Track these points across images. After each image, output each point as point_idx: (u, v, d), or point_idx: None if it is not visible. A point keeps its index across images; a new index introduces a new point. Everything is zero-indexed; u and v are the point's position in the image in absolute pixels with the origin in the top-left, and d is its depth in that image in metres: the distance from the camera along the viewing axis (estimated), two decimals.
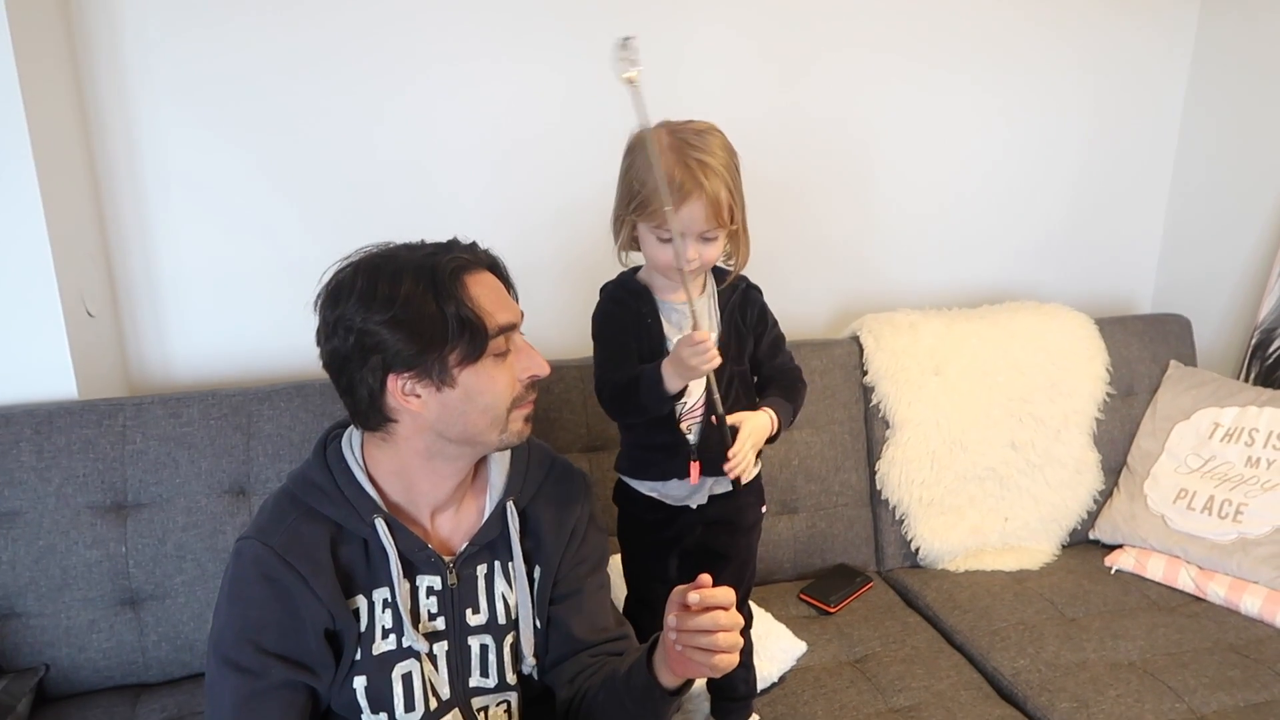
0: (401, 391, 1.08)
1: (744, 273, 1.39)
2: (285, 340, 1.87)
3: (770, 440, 1.31)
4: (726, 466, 1.22)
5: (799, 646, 1.64)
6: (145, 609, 1.53)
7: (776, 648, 1.61)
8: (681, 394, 1.26)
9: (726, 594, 0.99)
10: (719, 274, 1.39)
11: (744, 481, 1.26)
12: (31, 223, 1.52)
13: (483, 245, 1.17)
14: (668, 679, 1.07)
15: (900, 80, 2.13)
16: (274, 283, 1.84)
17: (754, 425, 1.26)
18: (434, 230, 1.20)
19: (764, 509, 1.48)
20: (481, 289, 1.10)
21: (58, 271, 1.55)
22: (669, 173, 1.20)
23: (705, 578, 1.00)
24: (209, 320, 1.83)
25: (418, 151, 1.86)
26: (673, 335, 1.31)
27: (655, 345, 1.31)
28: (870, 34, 2.07)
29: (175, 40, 1.69)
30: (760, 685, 1.53)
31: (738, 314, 1.37)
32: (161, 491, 1.54)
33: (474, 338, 1.06)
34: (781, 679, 1.60)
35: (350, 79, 1.79)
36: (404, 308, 1.04)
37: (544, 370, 1.14)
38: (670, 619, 1.01)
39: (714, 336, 1.33)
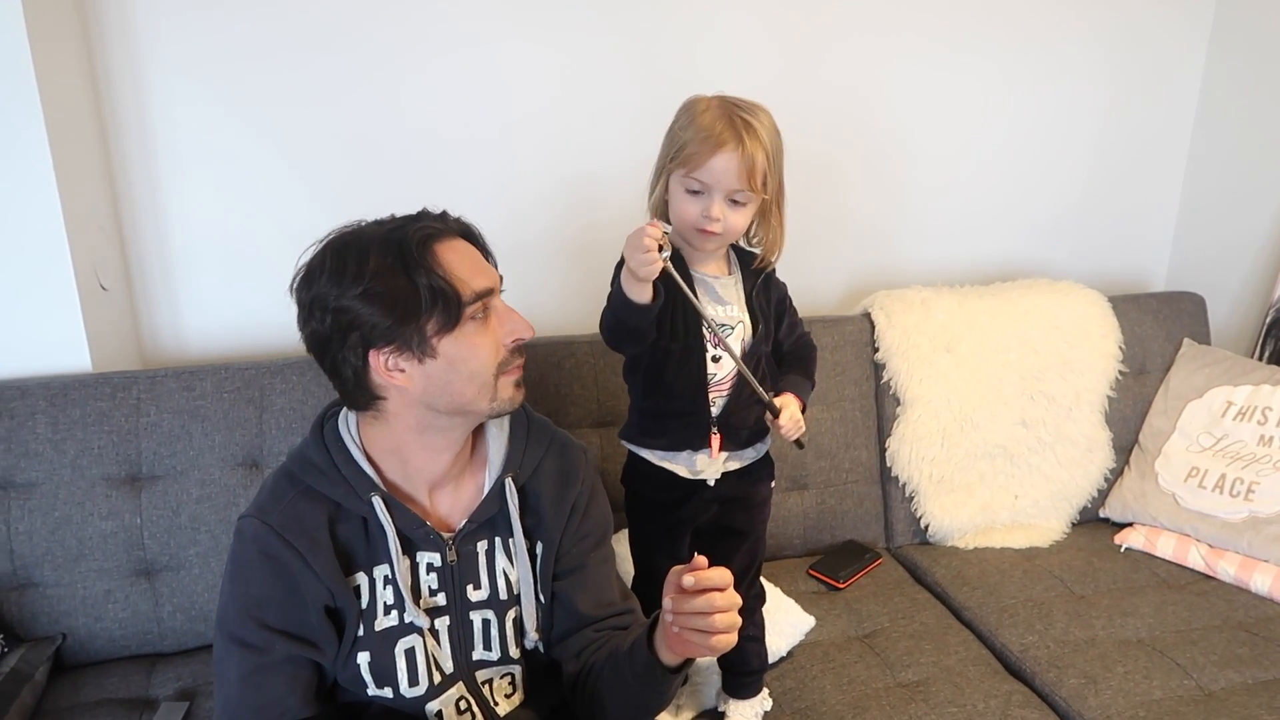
0: (385, 367, 1.07)
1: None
2: (296, 314, 1.87)
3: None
4: (785, 432, 1.32)
5: (807, 621, 1.64)
6: (160, 580, 1.55)
7: (785, 622, 1.62)
8: (657, 304, 1.21)
9: (723, 575, 0.98)
10: (744, 259, 1.39)
11: (795, 438, 1.35)
12: (45, 197, 1.53)
13: (468, 217, 1.16)
14: (668, 658, 1.07)
15: (913, 57, 2.11)
16: (285, 257, 1.80)
17: (793, 411, 1.35)
18: (440, 205, 1.20)
19: (773, 484, 1.49)
20: (453, 256, 1.09)
21: (71, 245, 1.56)
22: (710, 125, 1.23)
23: (701, 559, 0.99)
24: (221, 294, 1.84)
25: (425, 127, 1.85)
26: (706, 307, 1.31)
27: (690, 314, 1.30)
28: (884, 10, 2.05)
29: (187, 14, 1.68)
30: (769, 659, 1.54)
31: (761, 298, 1.38)
32: (175, 464, 1.56)
33: (448, 306, 1.06)
34: (790, 653, 1.61)
35: (359, 54, 1.78)
36: (374, 281, 1.04)
37: (527, 333, 1.14)
38: (667, 601, 1.01)
39: (742, 316, 1.35)
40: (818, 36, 2.03)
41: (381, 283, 1.04)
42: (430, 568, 1.15)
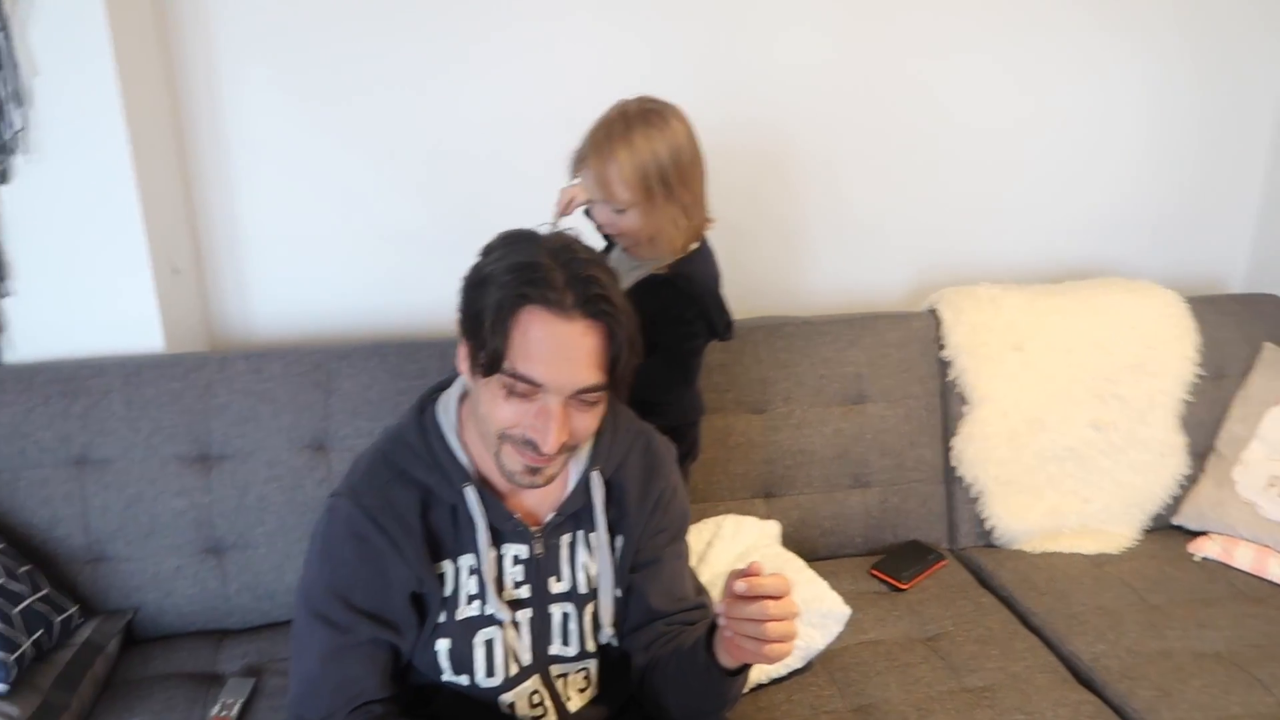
0: (464, 359, 1.07)
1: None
2: (364, 300, 1.89)
3: None
4: None
5: (843, 612, 1.56)
6: (228, 558, 1.58)
7: (816, 613, 1.53)
8: None
9: (777, 583, 0.96)
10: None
11: None
12: (124, 185, 1.56)
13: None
14: (726, 661, 1.06)
15: (981, 44, 2.05)
16: (353, 244, 1.86)
17: None
18: (510, 195, 1.19)
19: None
20: (541, 332, 1.00)
21: (147, 230, 1.60)
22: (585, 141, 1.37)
23: (756, 564, 0.97)
24: (289, 279, 1.86)
25: (497, 116, 1.85)
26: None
27: None
28: None
29: (261, 3, 1.70)
30: (809, 656, 1.52)
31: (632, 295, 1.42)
32: (244, 445, 1.58)
33: (490, 360, 1.02)
34: (843, 646, 1.56)
35: (433, 46, 1.79)
36: (468, 291, 1.05)
37: (545, 445, 1.03)
38: (720, 606, 1.00)
39: None
40: (879, 19, 1.98)
41: (470, 294, 1.05)
42: (516, 560, 1.15)
